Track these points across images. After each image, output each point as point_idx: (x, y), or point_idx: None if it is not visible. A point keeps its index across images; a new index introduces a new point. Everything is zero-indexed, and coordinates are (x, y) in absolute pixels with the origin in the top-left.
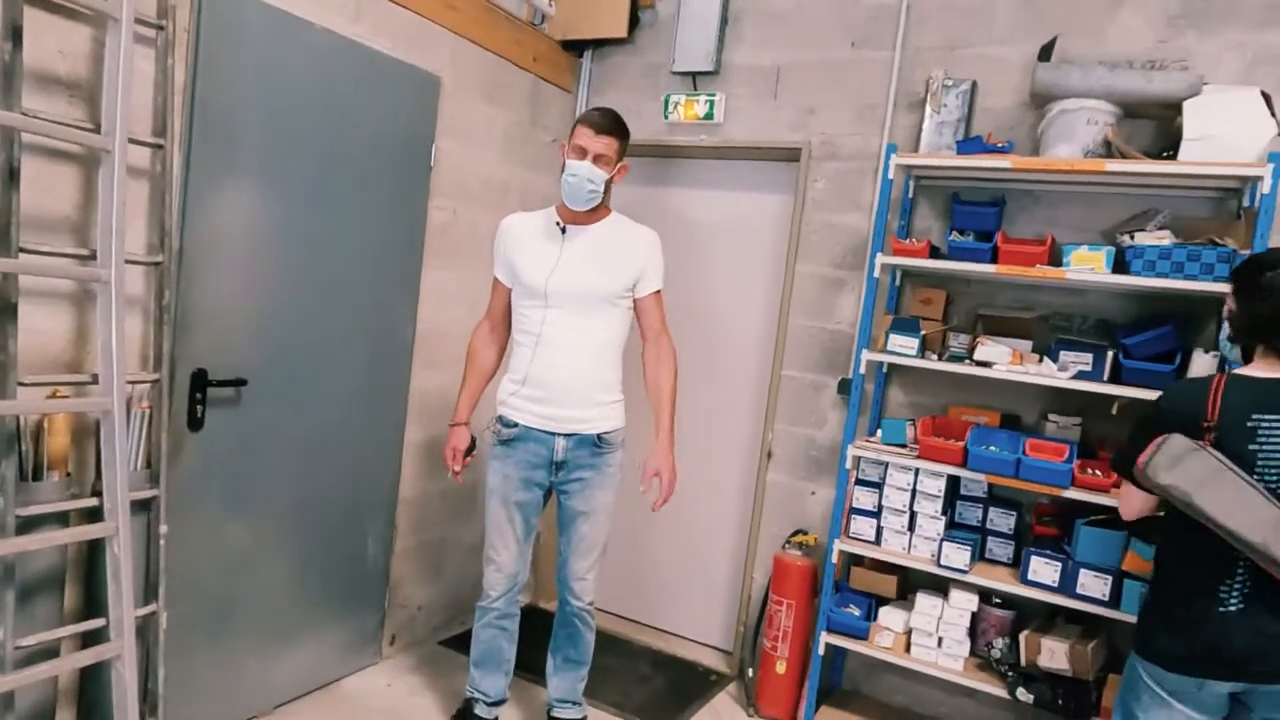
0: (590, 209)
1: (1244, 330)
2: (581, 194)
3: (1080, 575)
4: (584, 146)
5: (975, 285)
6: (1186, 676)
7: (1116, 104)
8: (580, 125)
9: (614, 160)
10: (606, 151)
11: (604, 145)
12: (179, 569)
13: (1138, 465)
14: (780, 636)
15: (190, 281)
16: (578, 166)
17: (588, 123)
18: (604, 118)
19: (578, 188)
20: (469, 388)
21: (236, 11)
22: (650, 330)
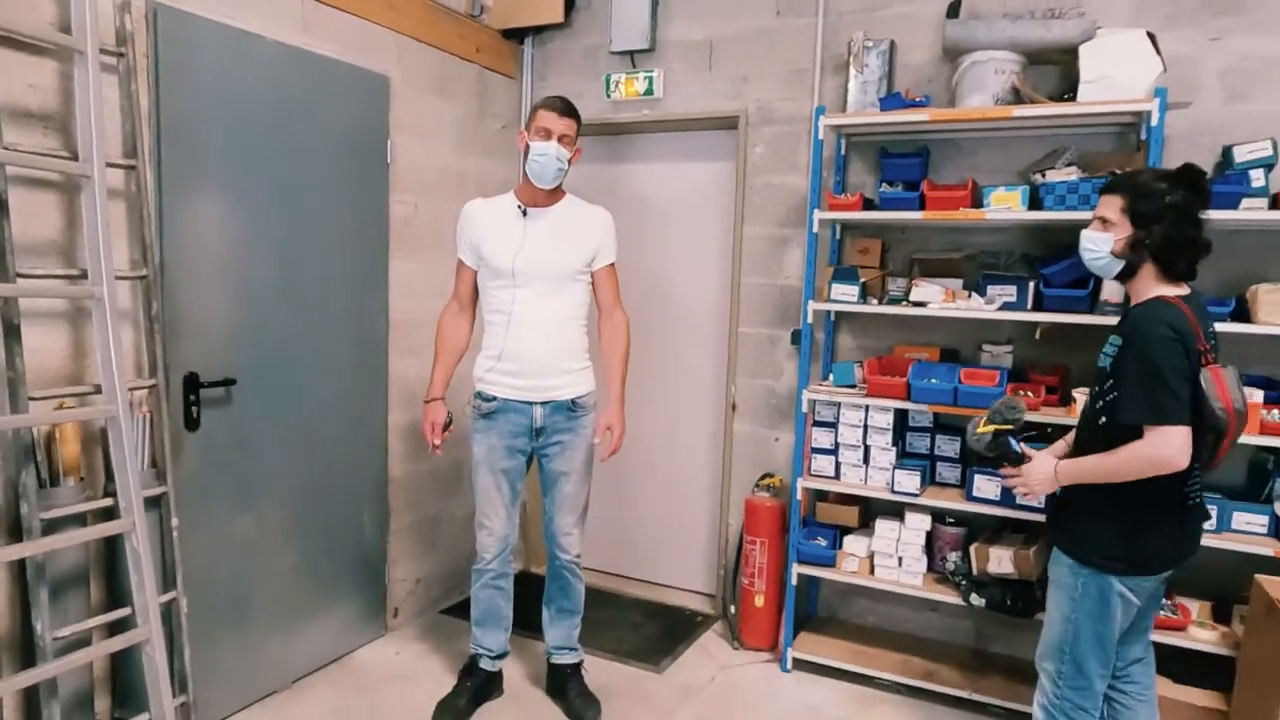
0: (552, 189)
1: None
2: (550, 172)
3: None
4: (549, 128)
5: (909, 232)
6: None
7: (1020, 53)
8: (542, 110)
9: (573, 141)
10: (569, 132)
11: (566, 126)
12: (191, 560)
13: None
14: (756, 573)
15: (173, 291)
16: (545, 147)
17: (550, 107)
18: (564, 102)
19: (546, 166)
20: (442, 365)
21: (190, 32)
22: (605, 302)
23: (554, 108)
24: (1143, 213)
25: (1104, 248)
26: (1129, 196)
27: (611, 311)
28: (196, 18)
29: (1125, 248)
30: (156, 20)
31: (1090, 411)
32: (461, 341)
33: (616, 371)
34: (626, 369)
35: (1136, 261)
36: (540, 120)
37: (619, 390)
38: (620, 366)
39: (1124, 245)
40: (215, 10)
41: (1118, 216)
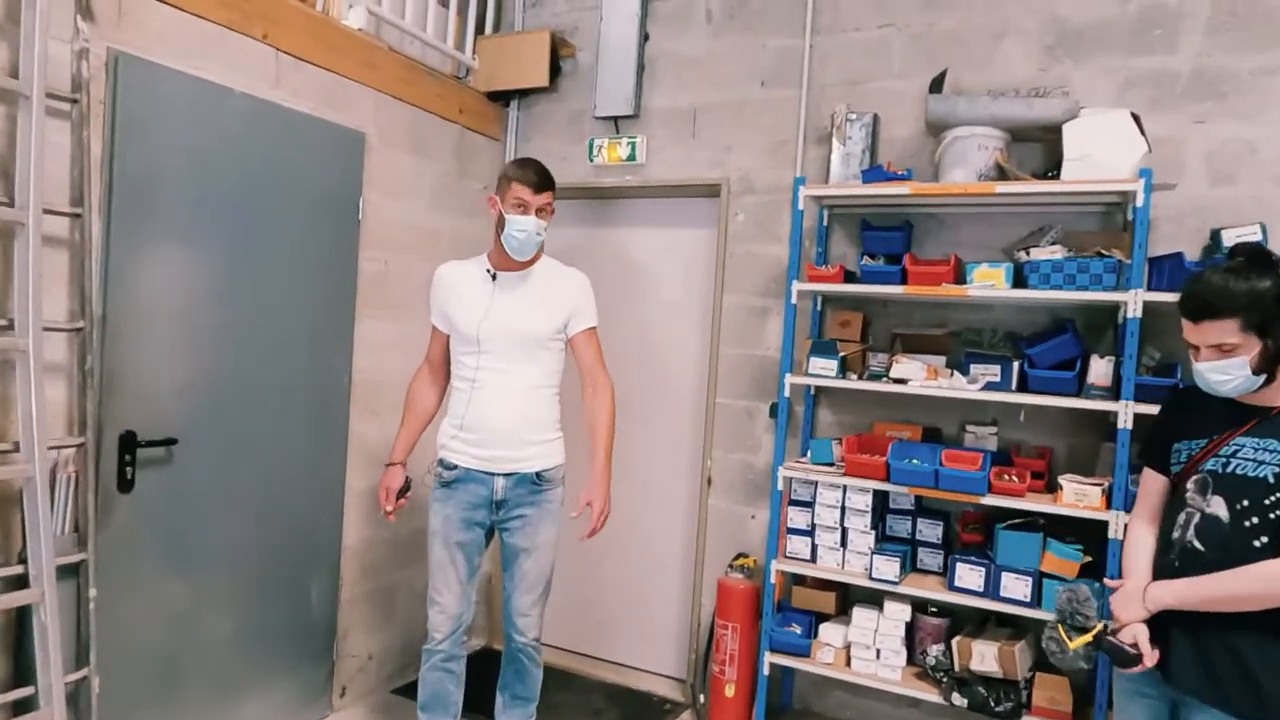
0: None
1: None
2: (529, 247)
3: (1003, 579)
4: (526, 202)
5: (892, 306)
6: None
7: (1003, 129)
8: (517, 184)
9: (551, 210)
10: (547, 204)
11: (544, 200)
12: (116, 631)
13: None
14: (728, 660)
15: (115, 345)
16: (524, 222)
17: (526, 182)
18: (540, 176)
19: (525, 242)
20: (406, 429)
21: (152, 82)
22: (586, 367)
23: (529, 182)
24: (1261, 323)
25: (1240, 371)
26: (1241, 313)
27: (593, 376)
28: (160, 67)
29: (1262, 362)
30: (117, 68)
31: (1232, 529)
32: (429, 407)
33: (601, 441)
34: (611, 439)
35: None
36: (516, 192)
37: (603, 462)
38: (604, 436)
39: (1259, 360)
40: (181, 60)
41: (1239, 337)
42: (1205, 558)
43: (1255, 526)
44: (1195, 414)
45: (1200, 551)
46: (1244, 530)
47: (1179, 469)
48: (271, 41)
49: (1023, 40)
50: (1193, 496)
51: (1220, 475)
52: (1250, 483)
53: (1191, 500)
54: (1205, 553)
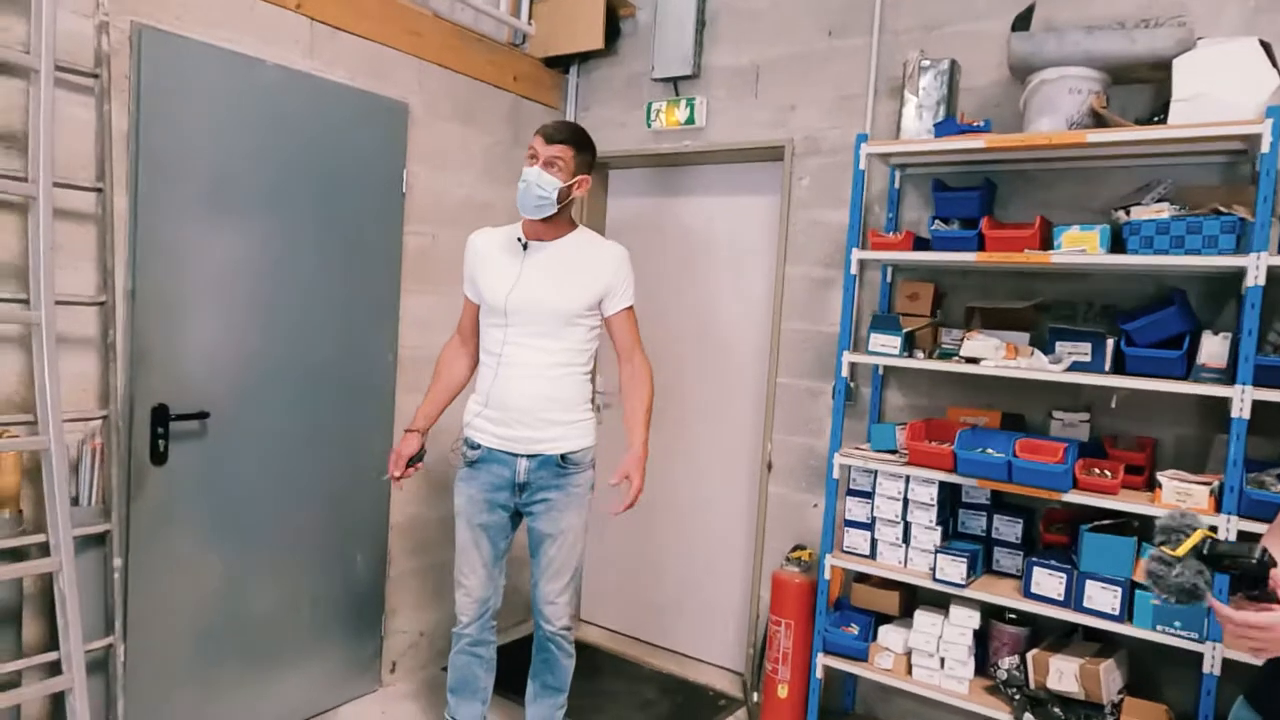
0: (546, 220)
1: None
2: (529, 200)
3: (1087, 587)
4: (536, 152)
5: (972, 276)
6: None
7: (1100, 69)
8: (535, 135)
9: (569, 169)
10: (559, 157)
11: (555, 152)
12: (151, 601)
13: None
14: (781, 659)
15: (146, 319)
16: (527, 173)
17: (540, 132)
18: (557, 127)
19: (524, 193)
20: (431, 398)
21: (179, 55)
22: (623, 348)
23: (543, 132)
24: None
25: None
26: None
27: (630, 356)
28: (187, 40)
29: None
30: (140, 42)
31: None
32: (458, 377)
33: (639, 419)
34: (649, 417)
35: None
36: (530, 144)
37: (641, 437)
38: (642, 414)
39: None
40: (208, 33)
41: None
42: None
43: None
44: None
45: None
46: None
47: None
48: (305, 11)
49: None
50: None
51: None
52: None
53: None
54: None
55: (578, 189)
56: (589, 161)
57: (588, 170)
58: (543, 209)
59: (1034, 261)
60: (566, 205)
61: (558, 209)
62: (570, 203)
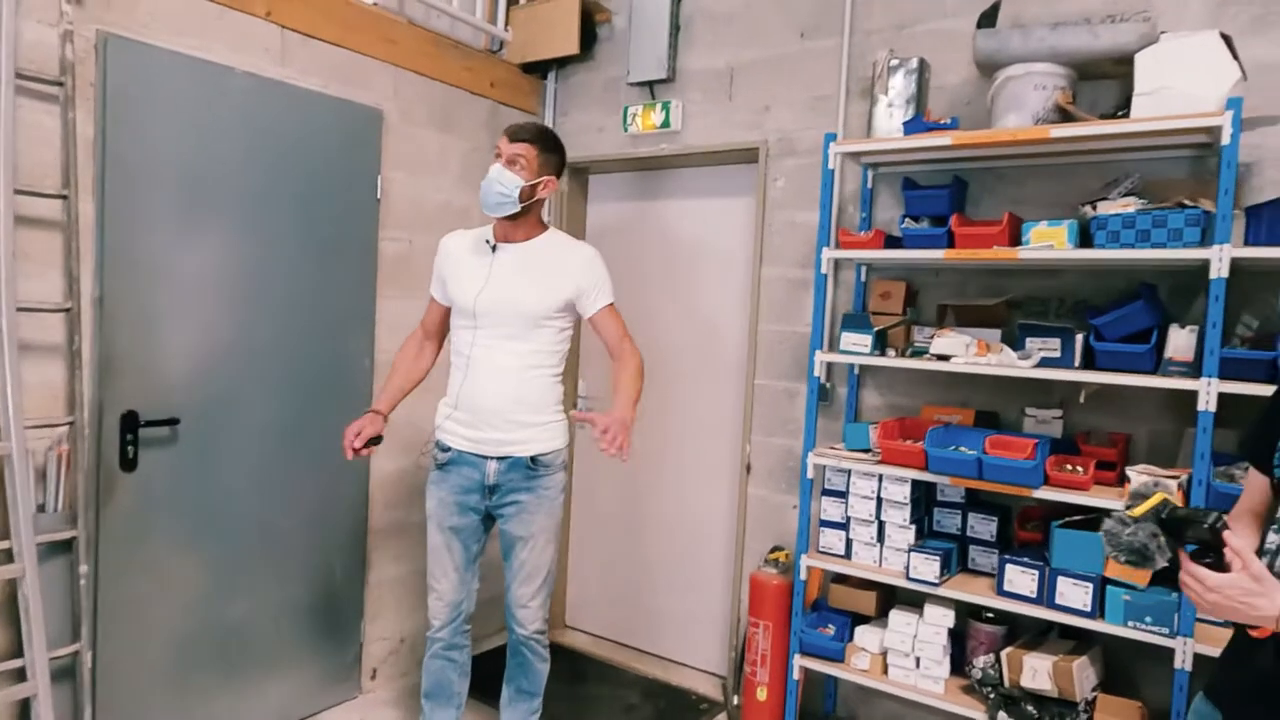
0: (514, 220)
1: None
2: (491, 196)
3: (1058, 584)
4: (499, 151)
5: (945, 274)
6: None
7: (1066, 65)
8: (502, 134)
9: (532, 168)
10: (521, 157)
11: (518, 150)
12: (122, 608)
13: None
14: (760, 661)
15: (114, 327)
16: (491, 170)
17: (506, 131)
18: (522, 126)
19: (486, 190)
20: (393, 383)
21: (146, 63)
22: (612, 344)
23: (508, 130)
24: None
25: None
26: None
27: (620, 349)
28: (154, 48)
29: None
30: (106, 50)
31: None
32: (420, 367)
33: (625, 389)
34: (637, 391)
35: None
36: (497, 145)
37: (626, 400)
38: (628, 382)
39: None
40: (176, 41)
41: None
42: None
43: None
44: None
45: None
46: None
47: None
48: (275, 19)
49: None
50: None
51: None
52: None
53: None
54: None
55: (543, 189)
56: (556, 163)
57: (554, 172)
58: (504, 206)
59: (1001, 258)
60: (533, 206)
61: (521, 208)
62: (537, 203)
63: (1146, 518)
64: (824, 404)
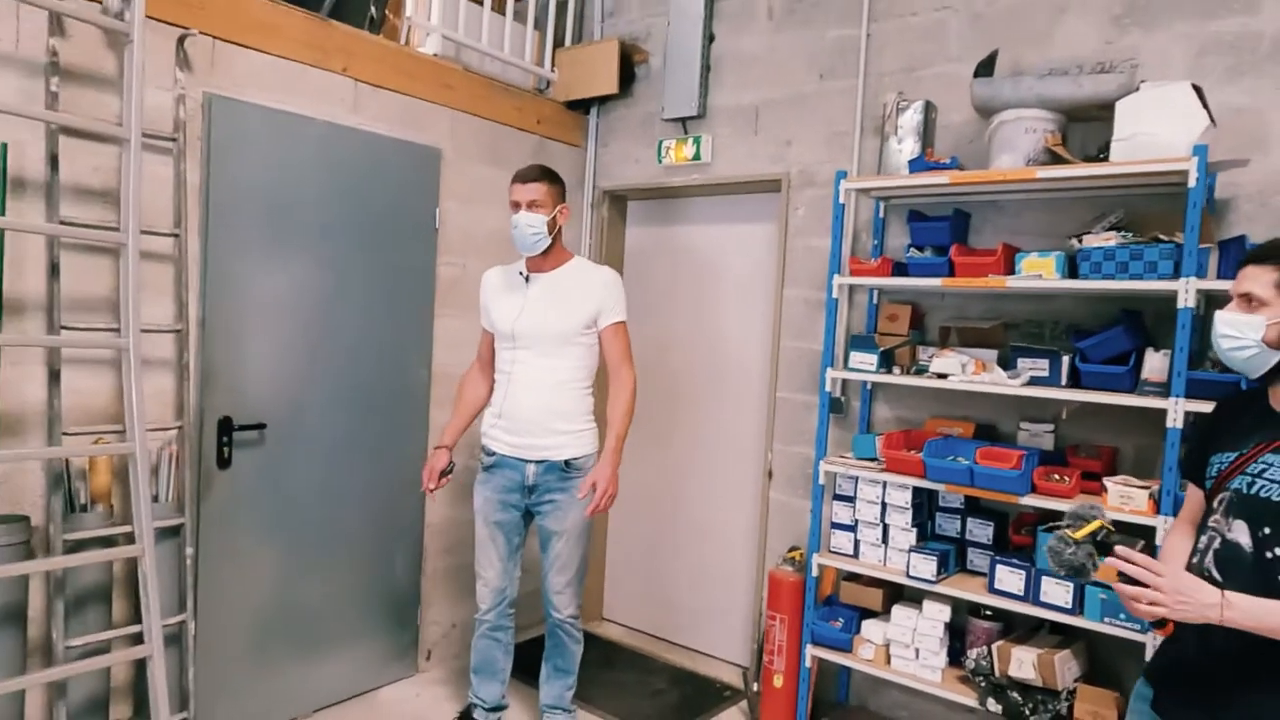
0: (543, 253)
1: None
2: (526, 240)
3: (1043, 583)
4: (516, 200)
5: (949, 299)
6: None
7: (1053, 110)
8: (511, 183)
9: (549, 203)
10: (536, 197)
11: (531, 192)
12: (217, 586)
13: None
14: (776, 650)
15: (213, 344)
16: (516, 218)
17: (515, 178)
18: (528, 169)
19: (520, 236)
20: (456, 418)
21: (241, 118)
22: (611, 361)
23: (518, 177)
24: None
25: (1251, 334)
26: None
27: (618, 370)
28: (247, 104)
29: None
30: (210, 109)
31: (1254, 558)
32: (478, 398)
33: (614, 428)
34: (625, 426)
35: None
36: (510, 194)
37: (613, 446)
38: (618, 424)
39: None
40: (266, 97)
41: (1272, 294)
42: (1223, 589)
43: (1278, 559)
44: (1237, 422)
45: (1217, 581)
46: (1266, 562)
47: (1210, 484)
48: (350, 73)
49: (1086, 12)
50: (1216, 518)
51: (1244, 495)
52: (1273, 507)
53: (1214, 522)
54: (1223, 583)
55: (561, 217)
56: (561, 191)
57: (563, 199)
58: (539, 243)
59: (992, 286)
60: (557, 235)
61: (550, 240)
62: (559, 232)
63: (1086, 540)
64: (838, 416)
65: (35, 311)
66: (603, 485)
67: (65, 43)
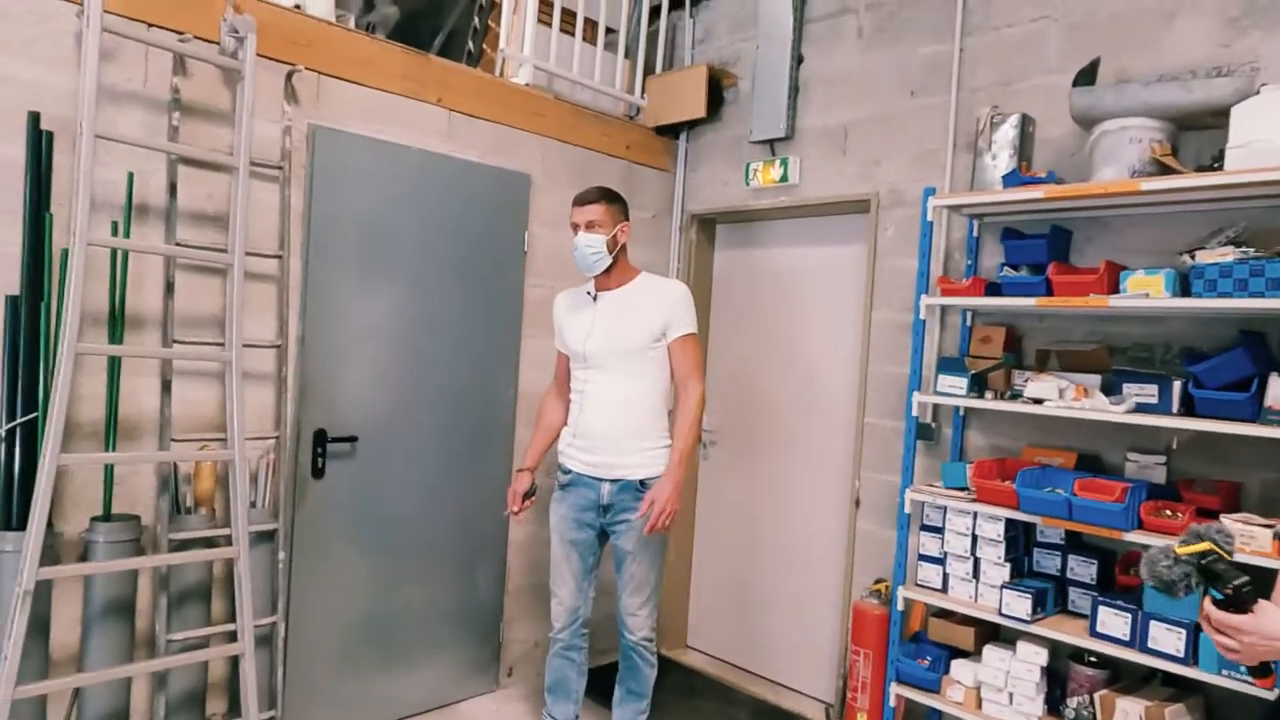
0: (608, 271)
1: None
2: (587, 260)
3: (1151, 628)
4: (575, 222)
5: (1047, 320)
6: None
7: (1161, 119)
8: (571, 206)
9: (608, 223)
10: (594, 218)
11: (589, 214)
12: (307, 591)
13: None
14: (860, 687)
15: (311, 360)
16: (576, 240)
17: (574, 201)
18: (585, 192)
19: (581, 257)
20: (536, 440)
21: (343, 146)
22: (680, 374)
23: (575, 200)
24: None
25: None
26: None
27: (685, 383)
28: (348, 134)
29: None
30: (314, 139)
31: None
32: (556, 421)
33: (677, 444)
34: (690, 442)
35: None
36: (570, 216)
37: (675, 462)
38: (682, 439)
39: None
40: (367, 127)
41: None
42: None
43: None
44: None
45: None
46: None
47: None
48: (445, 104)
49: (1199, 15)
50: None
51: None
52: None
53: None
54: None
55: (622, 234)
56: (622, 209)
57: (625, 217)
58: (600, 263)
59: (1092, 306)
60: (619, 252)
61: (612, 259)
62: (622, 250)
63: (1190, 559)
64: (929, 443)
65: (152, 326)
66: (660, 503)
67: (186, 81)
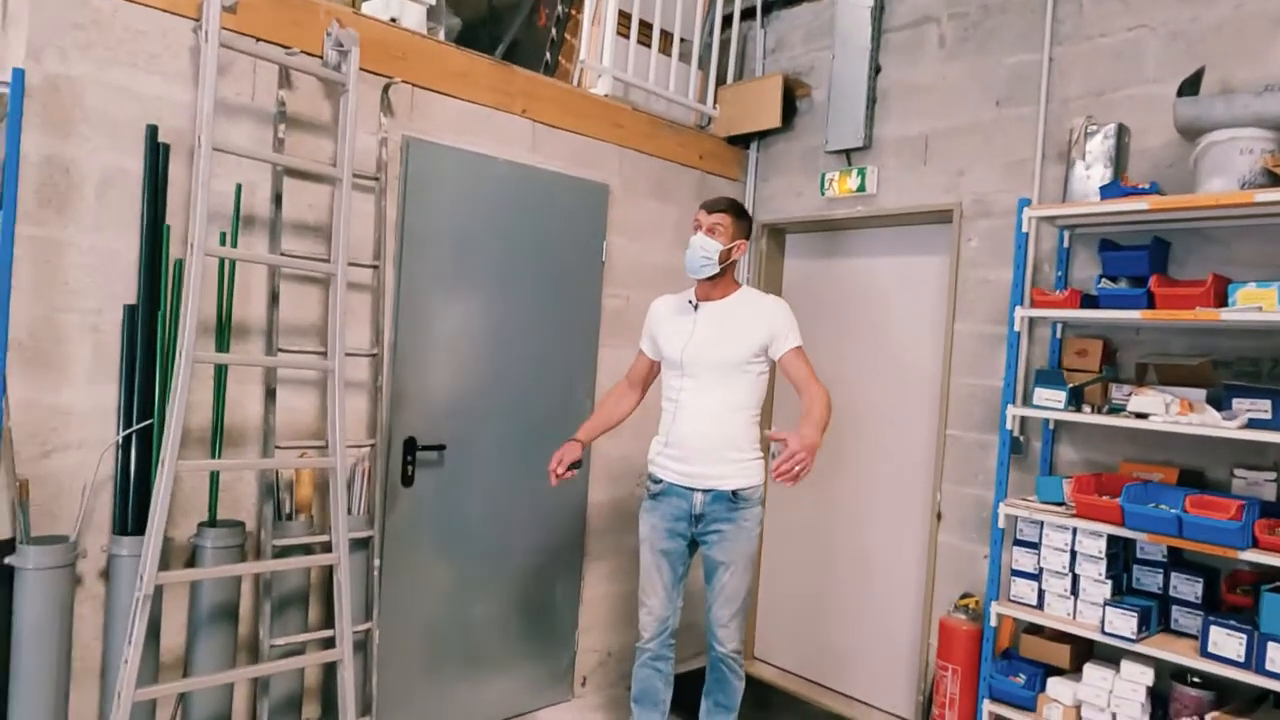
0: (712, 281)
1: None
2: (695, 260)
3: (1268, 649)
4: (699, 222)
5: (1144, 333)
6: None
7: (1273, 129)
8: (699, 208)
9: (728, 234)
10: (719, 224)
11: (714, 220)
12: (398, 598)
13: None
14: (948, 704)
15: (403, 368)
16: (692, 240)
17: (703, 205)
18: (716, 200)
19: (691, 256)
20: (595, 419)
21: (435, 158)
22: (799, 382)
23: (705, 205)
24: None
25: None
26: None
27: (808, 387)
28: (440, 145)
29: None
30: (408, 151)
31: None
32: (620, 410)
33: (814, 413)
34: (828, 416)
35: None
36: (694, 216)
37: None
38: (819, 411)
39: None
40: (456, 139)
41: None
42: None
43: None
44: None
45: None
46: None
47: None
48: (529, 115)
49: None
50: None
51: None
52: None
53: None
54: None
55: (737, 251)
56: (746, 228)
57: (745, 236)
58: (706, 268)
59: (1203, 319)
60: (729, 266)
61: (720, 269)
62: (732, 264)
63: None
64: (1017, 456)
65: (256, 335)
66: (804, 452)
67: (291, 94)
